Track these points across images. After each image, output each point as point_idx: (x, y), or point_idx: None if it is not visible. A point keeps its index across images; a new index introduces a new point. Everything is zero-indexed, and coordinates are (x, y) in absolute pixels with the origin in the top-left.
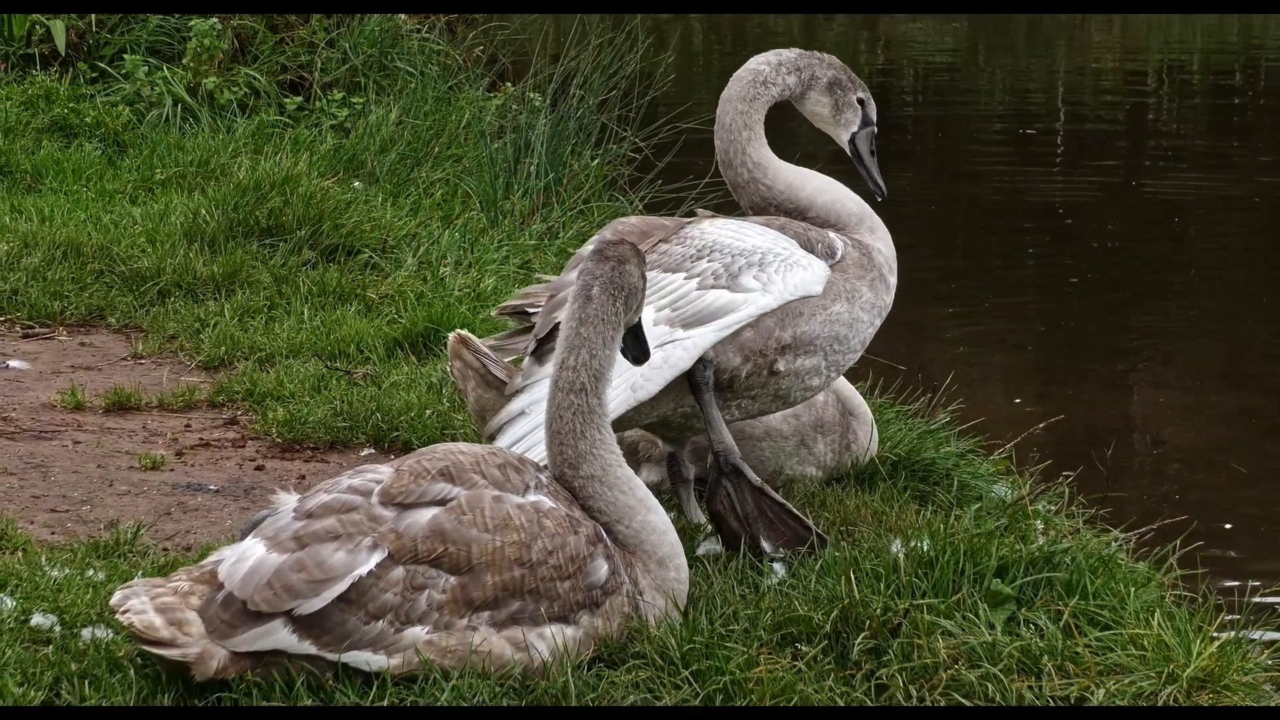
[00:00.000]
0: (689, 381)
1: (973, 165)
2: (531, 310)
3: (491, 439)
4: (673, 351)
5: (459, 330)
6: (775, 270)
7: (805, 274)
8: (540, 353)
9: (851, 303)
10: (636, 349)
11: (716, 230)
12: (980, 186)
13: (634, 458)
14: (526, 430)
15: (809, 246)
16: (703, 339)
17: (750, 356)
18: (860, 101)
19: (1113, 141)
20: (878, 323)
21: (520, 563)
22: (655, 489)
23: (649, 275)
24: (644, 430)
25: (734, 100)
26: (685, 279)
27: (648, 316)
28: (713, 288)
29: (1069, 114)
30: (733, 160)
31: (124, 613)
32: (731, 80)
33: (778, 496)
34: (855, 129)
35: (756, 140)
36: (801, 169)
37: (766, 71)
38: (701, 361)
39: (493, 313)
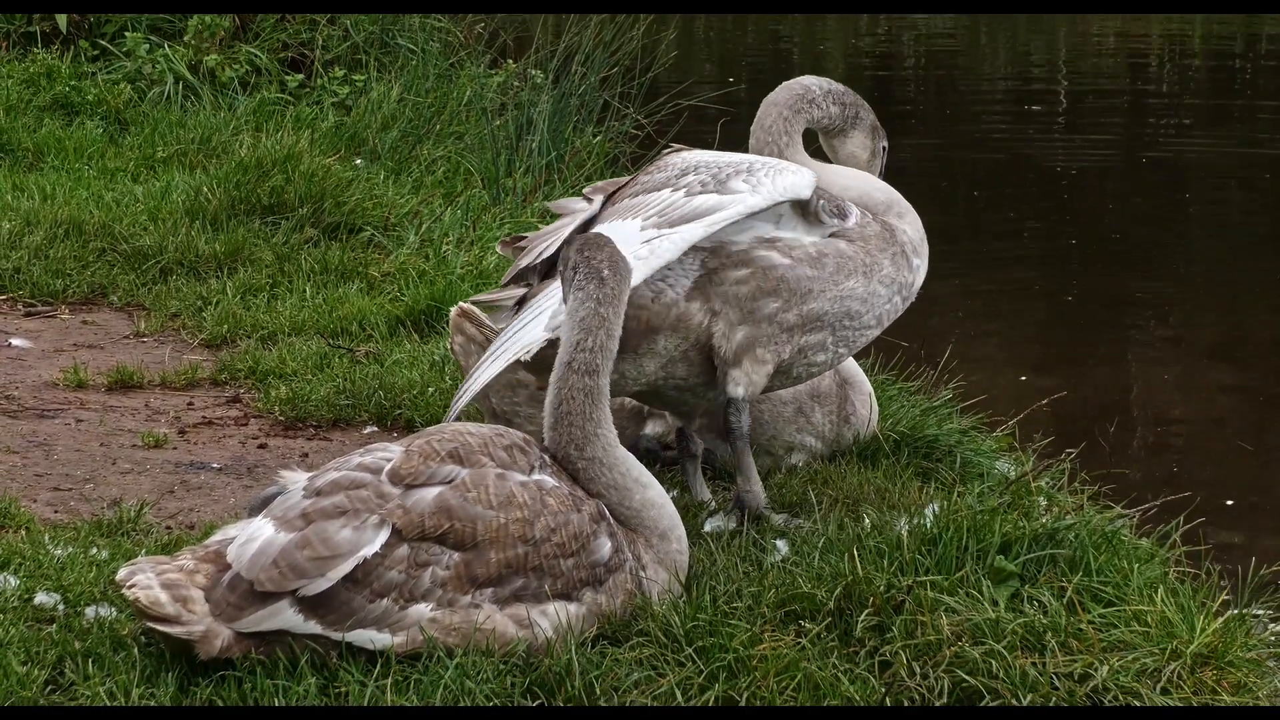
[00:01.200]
0: (724, 426)
1: (974, 139)
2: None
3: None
4: (660, 244)
5: (462, 303)
6: (764, 174)
7: (794, 178)
8: (523, 302)
9: (869, 277)
10: None
11: (698, 153)
12: (981, 160)
13: (638, 416)
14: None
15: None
16: (690, 233)
17: (758, 341)
18: (884, 149)
19: (1115, 114)
20: (899, 301)
21: (524, 540)
22: (659, 443)
23: (632, 203)
24: (640, 401)
25: (780, 105)
26: (671, 192)
27: (633, 227)
28: (700, 194)
29: (1070, 89)
30: None
31: (130, 587)
32: (780, 87)
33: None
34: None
35: (794, 147)
36: (827, 164)
37: (816, 93)
38: (735, 407)
39: (496, 246)
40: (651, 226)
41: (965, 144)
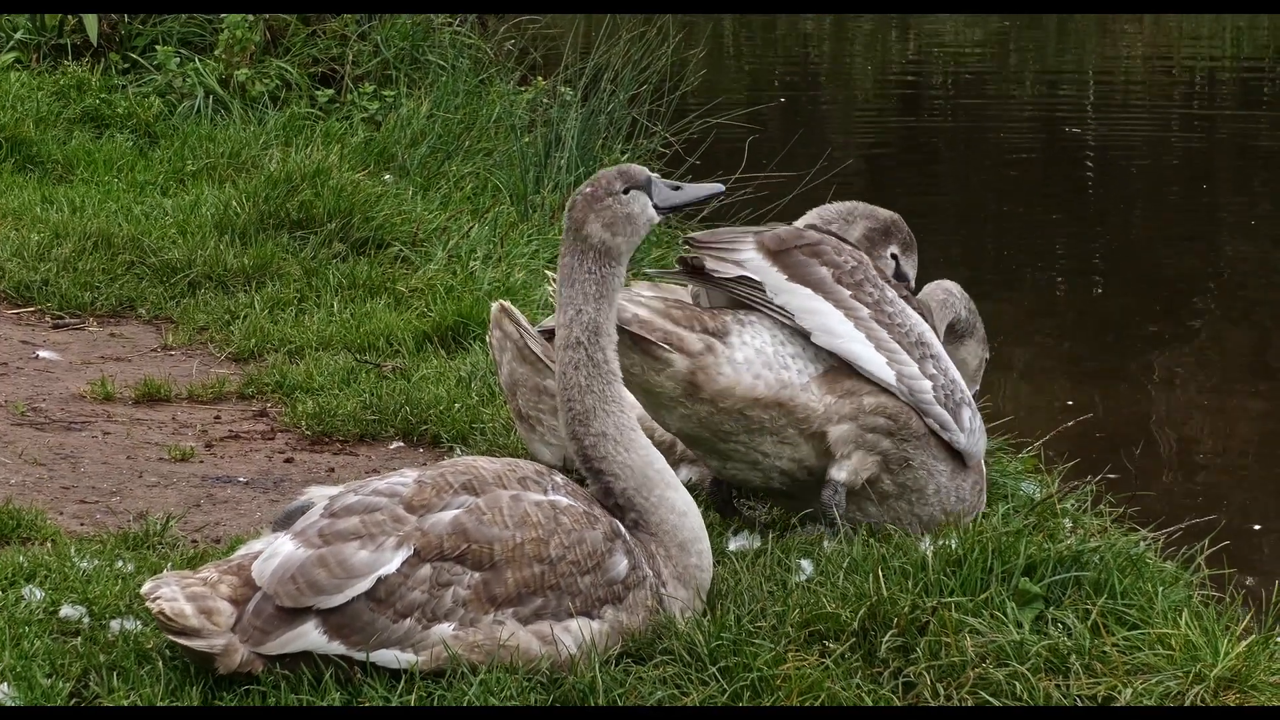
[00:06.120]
0: (820, 501)
1: (1002, 156)
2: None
3: None
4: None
5: (502, 301)
6: (978, 424)
7: (983, 448)
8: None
9: (954, 478)
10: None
11: (914, 319)
12: (1009, 177)
13: (671, 455)
14: None
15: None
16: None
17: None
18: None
19: (1144, 131)
20: (949, 502)
21: (539, 559)
22: (692, 490)
23: (875, 330)
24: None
25: (938, 301)
26: (920, 370)
27: (872, 356)
28: (943, 405)
29: (1098, 105)
30: None
31: (154, 600)
32: (935, 284)
33: None
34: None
35: (940, 336)
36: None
37: (957, 295)
38: (834, 488)
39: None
40: (906, 392)
41: (993, 161)
